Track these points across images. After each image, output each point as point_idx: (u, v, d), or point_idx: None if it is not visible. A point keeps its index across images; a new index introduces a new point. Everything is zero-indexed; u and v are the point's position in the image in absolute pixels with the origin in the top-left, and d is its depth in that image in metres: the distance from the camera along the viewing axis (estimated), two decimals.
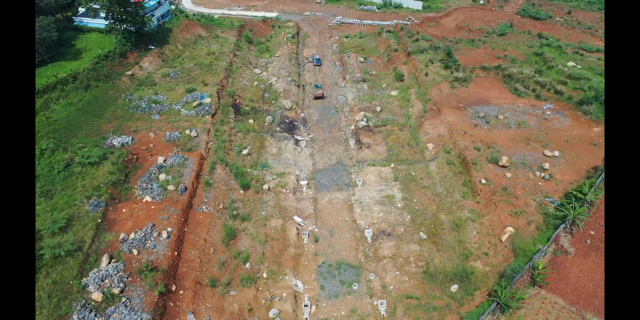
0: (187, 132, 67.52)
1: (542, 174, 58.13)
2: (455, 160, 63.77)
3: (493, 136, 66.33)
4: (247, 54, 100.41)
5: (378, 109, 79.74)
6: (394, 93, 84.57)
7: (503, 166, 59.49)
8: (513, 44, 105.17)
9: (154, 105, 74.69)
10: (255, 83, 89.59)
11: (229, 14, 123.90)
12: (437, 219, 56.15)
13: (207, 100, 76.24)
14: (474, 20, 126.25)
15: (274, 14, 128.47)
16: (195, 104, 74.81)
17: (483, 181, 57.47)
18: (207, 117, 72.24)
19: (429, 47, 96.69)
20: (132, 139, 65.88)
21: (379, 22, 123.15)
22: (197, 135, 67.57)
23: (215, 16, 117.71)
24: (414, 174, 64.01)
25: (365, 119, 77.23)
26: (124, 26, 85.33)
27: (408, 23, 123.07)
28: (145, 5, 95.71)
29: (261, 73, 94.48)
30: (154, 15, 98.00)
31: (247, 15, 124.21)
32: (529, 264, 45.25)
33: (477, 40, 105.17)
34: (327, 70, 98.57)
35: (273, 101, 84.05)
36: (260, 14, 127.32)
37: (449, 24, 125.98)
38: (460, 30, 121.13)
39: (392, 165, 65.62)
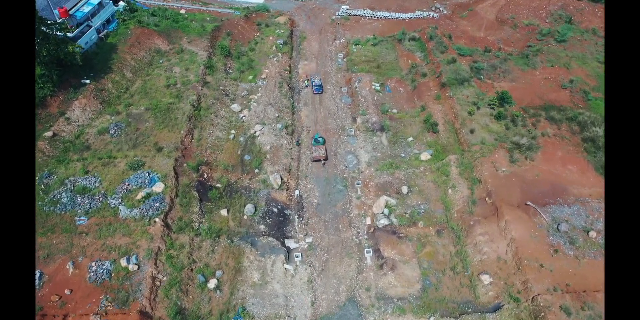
0: (124, 263, 45.00)
1: None
2: None
3: (585, 276, 43.89)
4: (223, 79, 74.06)
5: (405, 189, 56.21)
6: (424, 157, 60.34)
7: None
8: (578, 56, 78.89)
9: (80, 198, 51.26)
10: (232, 134, 64.79)
11: (201, 4, 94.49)
12: None
13: (159, 187, 52.54)
14: (518, 8, 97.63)
15: (260, 0, 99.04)
16: (140, 195, 51.38)
17: None
18: (156, 222, 49.07)
19: (470, 75, 70.47)
20: (40, 277, 43.83)
21: (397, 14, 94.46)
22: (138, 268, 45.13)
23: (182, 11, 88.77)
24: None
25: (387, 210, 54.23)
26: (38, 59, 58.94)
27: (435, 15, 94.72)
28: (76, 14, 68.13)
29: (241, 111, 69.14)
30: (91, 26, 70.48)
31: (224, 8, 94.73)
32: None
33: (532, 52, 78.49)
34: (331, 102, 73.04)
35: (256, 169, 60.14)
36: None
37: (488, 14, 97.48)
38: (503, 26, 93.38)
39: (432, 319, 43.84)
